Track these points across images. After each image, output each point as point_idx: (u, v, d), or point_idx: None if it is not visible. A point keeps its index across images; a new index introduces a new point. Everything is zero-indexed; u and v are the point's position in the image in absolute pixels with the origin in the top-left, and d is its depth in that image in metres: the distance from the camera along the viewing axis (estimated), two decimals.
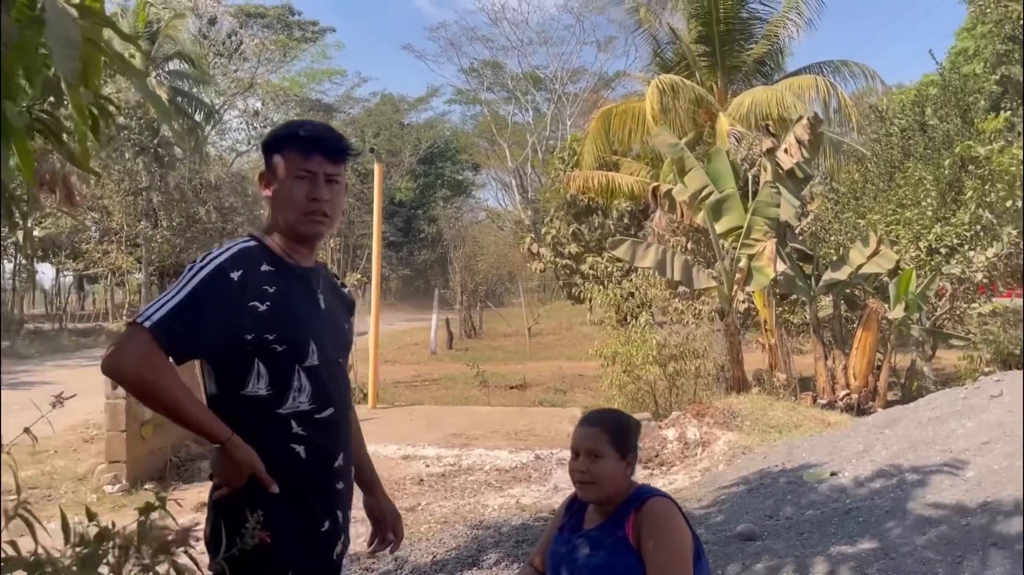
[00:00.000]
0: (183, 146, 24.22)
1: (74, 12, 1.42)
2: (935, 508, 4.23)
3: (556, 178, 24.07)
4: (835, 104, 15.55)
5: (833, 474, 5.31)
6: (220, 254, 1.95)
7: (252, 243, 2.02)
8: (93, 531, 1.58)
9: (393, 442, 8.85)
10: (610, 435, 2.25)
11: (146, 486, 7.09)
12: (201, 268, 1.91)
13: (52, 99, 1.81)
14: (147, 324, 1.83)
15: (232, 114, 36.72)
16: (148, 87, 1.57)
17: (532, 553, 2.57)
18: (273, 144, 2.11)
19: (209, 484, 2.03)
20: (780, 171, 9.88)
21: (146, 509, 1.81)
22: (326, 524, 2.05)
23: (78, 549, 1.47)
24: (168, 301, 1.87)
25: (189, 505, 4.94)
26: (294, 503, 1.98)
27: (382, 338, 13.65)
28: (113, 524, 1.79)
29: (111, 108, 1.93)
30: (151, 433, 7.32)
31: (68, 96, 1.47)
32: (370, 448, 8.15)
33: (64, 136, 1.90)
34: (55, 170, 2.16)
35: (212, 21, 31.53)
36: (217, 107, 32.08)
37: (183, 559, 1.79)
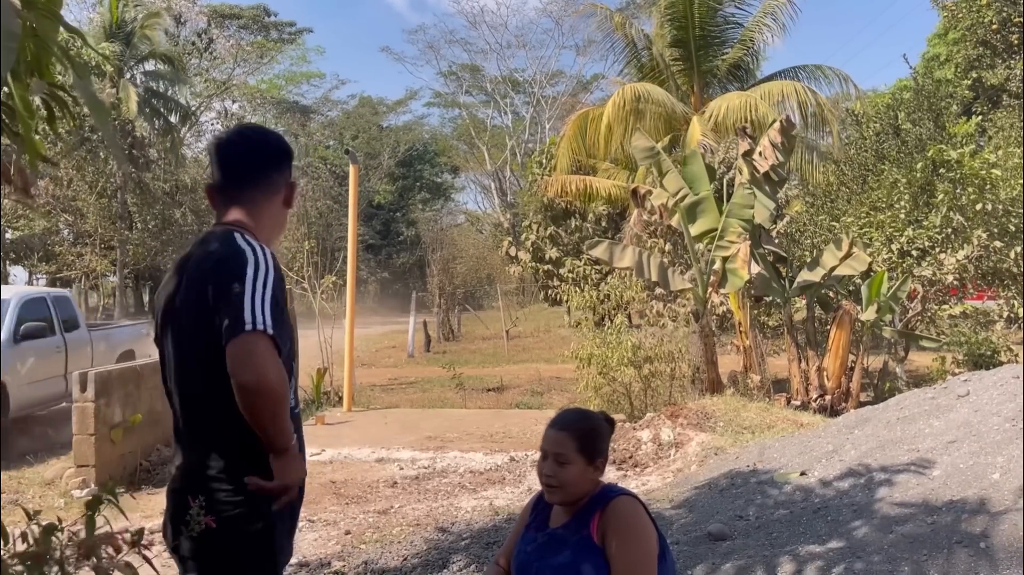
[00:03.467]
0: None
1: (17, 3, 1.40)
2: (902, 507, 4.26)
3: (534, 182, 24.13)
4: (811, 108, 15.71)
5: (803, 474, 5.34)
6: (263, 254, 1.96)
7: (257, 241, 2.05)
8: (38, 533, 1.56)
9: (367, 445, 8.80)
10: (577, 442, 2.25)
11: (116, 490, 6.99)
12: (268, 270, 1.93)
13: (6, 90, 1.78)
14: (269, 332, 1.83)
15: (208, 116, 36.46)
16: (89, 87, 1.54)
17: (499, 552, 2.56)
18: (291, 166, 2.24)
19: None
20: (756, 174, 9.94)
21: (93, 503, 1.78)
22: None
23: (21, 547, 1.44)
24: (263, 306, 1.86)
25: (159, 509, 4.88)
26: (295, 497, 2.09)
27: (359, 341, 13.59)
28: (60, 520, 1.76)
29: (68, 99, 1.90)
30: (120, 437, 7.24)
31: (12, 87, 1.44)
32: (344, 451, 8.05)
33: (19, 127, 1.87)
34: (10, 160, 2.13)
35: (179, 20, 31.24)
36: (193, 109, 31.82)
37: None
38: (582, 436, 2.26)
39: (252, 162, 2.14)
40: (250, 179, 2.11)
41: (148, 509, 6.39)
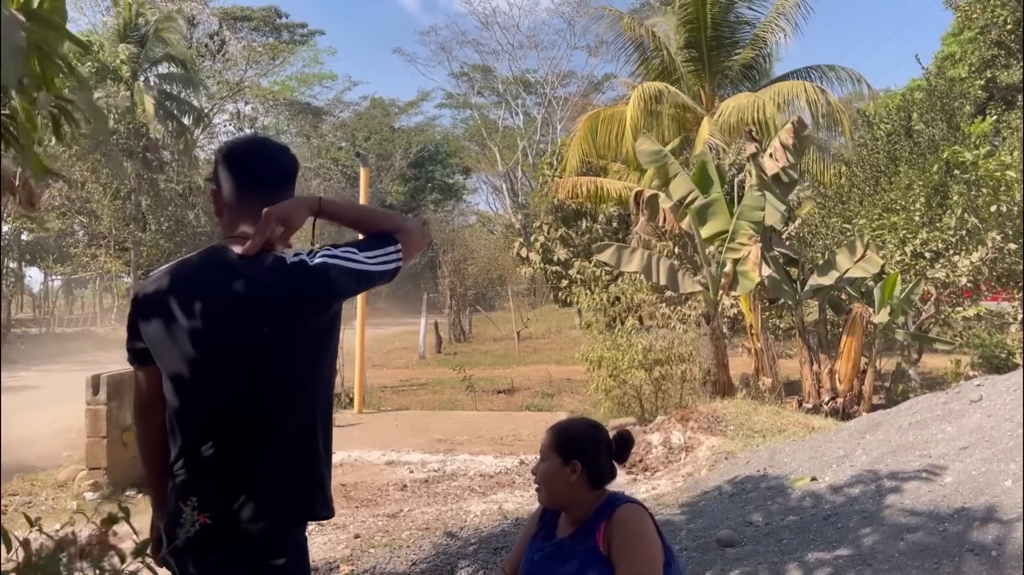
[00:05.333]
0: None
1: (22, 18, 1.40)
2: (913, 514, 4.23)
3: (545, 183, 24.10)
4: (822, 109, 15.61)
5: (813, 479, 5.30)
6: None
7: None
8: (39, 541, 1.56)
9: (377, 447, 8.82)
10: (554, 440, 2.34)
11: (127, 492, 7.04)
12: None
13: (13, 103, 1.79)
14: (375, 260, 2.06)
15: (222, 118, 36.63)
16: (90, 98, 1.54)
17: (504, 560, 2.56)
18: None
19: None
20: (764, 176, 9.88)
21: (109, 520, 1.79)
22: None
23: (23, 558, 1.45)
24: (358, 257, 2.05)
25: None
26: None
27: (369, 342, 13.61)
28: (74, 534, 1.77)
29: (73, 110, 1.91)
30: (132, 439, 7.27)
31: (17, 100, 1.45)
32: (354, 453, 8.05)
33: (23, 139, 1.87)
34: (15, 173, 2.14)
35: (191, 22, 31.39)
36: (206, 111, 31.96)
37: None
38: (558, 435, 2.36)
39: (280, 175, 2.15)
40: (276, 193, 2.11)
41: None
